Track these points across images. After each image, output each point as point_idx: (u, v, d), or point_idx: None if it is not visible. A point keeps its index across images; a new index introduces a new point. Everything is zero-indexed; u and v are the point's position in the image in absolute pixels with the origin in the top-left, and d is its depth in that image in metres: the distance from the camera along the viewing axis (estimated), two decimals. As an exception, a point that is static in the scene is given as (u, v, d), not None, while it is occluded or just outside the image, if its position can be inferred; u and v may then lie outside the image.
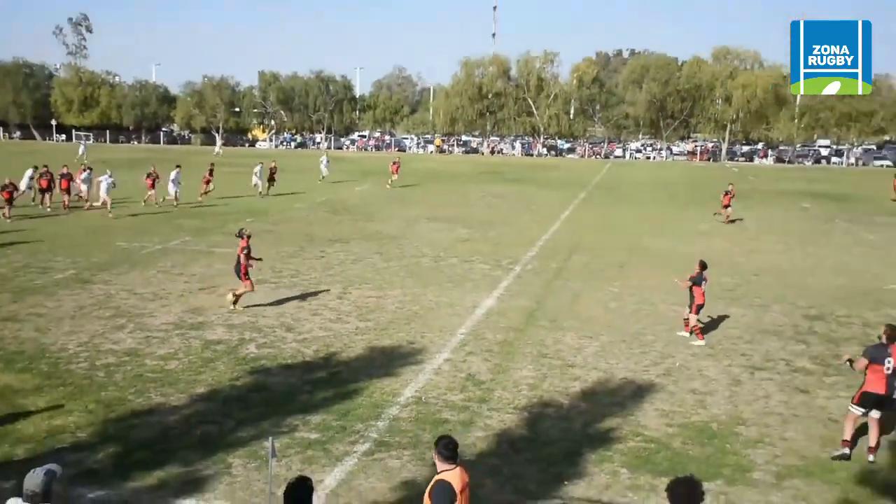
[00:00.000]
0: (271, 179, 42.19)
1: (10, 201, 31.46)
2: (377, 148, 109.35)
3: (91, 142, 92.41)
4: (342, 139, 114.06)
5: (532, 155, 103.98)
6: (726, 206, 35.48)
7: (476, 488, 9.57)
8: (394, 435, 10.98)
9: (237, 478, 9.69)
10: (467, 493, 6.64)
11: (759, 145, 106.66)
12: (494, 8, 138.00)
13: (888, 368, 10.68)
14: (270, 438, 7.88)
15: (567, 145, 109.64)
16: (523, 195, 46.72)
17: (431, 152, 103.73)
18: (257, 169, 42.01)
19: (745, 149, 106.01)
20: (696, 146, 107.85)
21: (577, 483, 9.77)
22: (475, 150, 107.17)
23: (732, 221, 35.07)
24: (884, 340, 10.91)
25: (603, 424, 11.60)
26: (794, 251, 28.01)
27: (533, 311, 18.21)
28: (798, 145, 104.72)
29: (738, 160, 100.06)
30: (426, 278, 21.49)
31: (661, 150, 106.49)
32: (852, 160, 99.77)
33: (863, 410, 10.82)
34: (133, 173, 38.36)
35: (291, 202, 39.32)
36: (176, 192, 35.72)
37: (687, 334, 16.19)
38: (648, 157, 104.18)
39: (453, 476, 6.56)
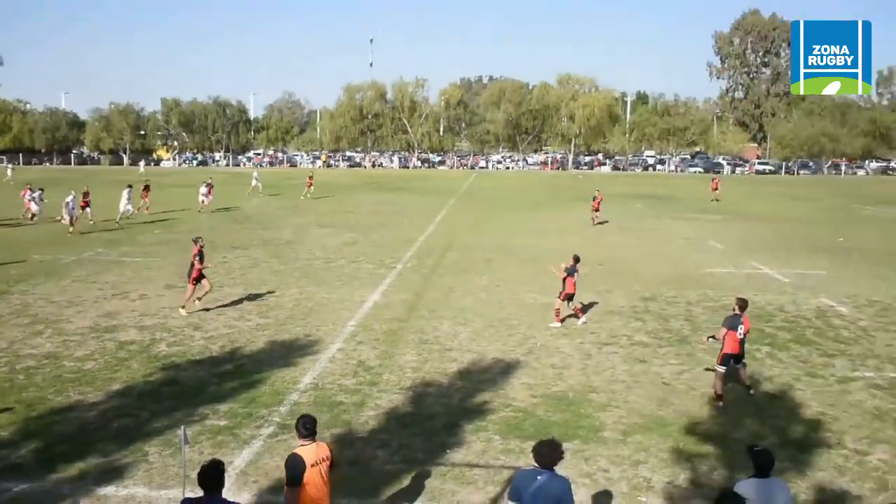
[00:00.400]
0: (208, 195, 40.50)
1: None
2: (271, 164, 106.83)
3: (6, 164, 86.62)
4: (239, 157, 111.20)
5: (408, 167, 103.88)
6: (596, 210, 34.78)
7: (369, 460, 9.55)
8: (295, 418, 10.69)
9: (154, 464, 9.31)
10: (322, 468, 6.55)
11: (599, 155, 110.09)
12: (371, 40, 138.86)
13: (740, 333, 11.76)
14: (182, 427, 7.61)
15: (438, 158, 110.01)
16: (401, 202, 46.73)
17: (319, 167, 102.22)
18: (203, 189, 40.38)
19: (588, 159, 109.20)
20: (547, 157, 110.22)
21: (458, 450, 9.83)
22: (358, 164, 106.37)
23: (601, 223, 34.60)
24: (737, 311, 11.93)
25: (477, 399, 11.72)
26: (631, 244, 29.03)
27: (414, 304, 18.22)
28: (630, 155, 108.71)
29: (582, 168, 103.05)
30: (319, 278, 21.19)
31: (518, 161, 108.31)
32: (672, 167, 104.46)
33: (725, 368, 11.74)
34: (54, 192, 36.31)
35: (196, 214, 38.03)
36: (128, 210, 33.91)
37: (579, 320, 16.16)
38: (508, 168, 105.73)
39: (307, 451, 6.52)
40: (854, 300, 19.09)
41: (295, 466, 6.40)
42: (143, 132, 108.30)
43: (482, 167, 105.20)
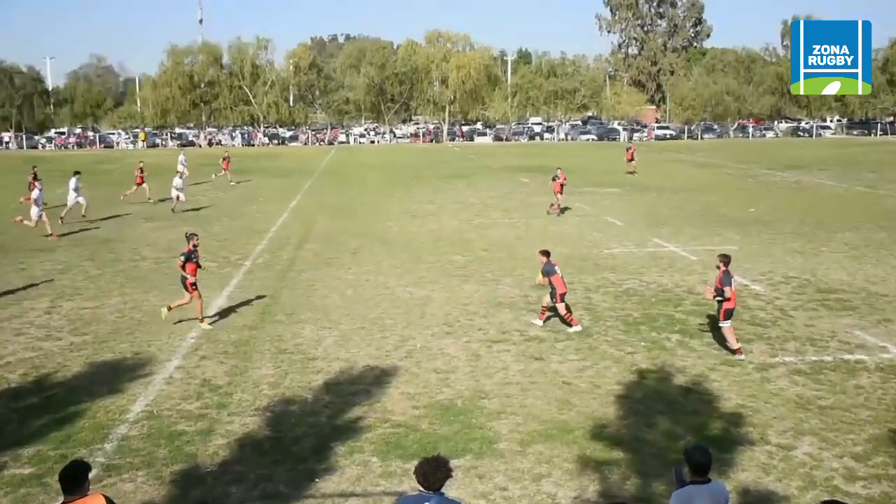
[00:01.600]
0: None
1: None
2: (79, 145, 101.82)
3: None
4: (36, 137, 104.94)
5: (253, 145, 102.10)
6: (558, 194, 32.48)
7: (222, 499, 9.26)
8: (125, 456, 10.31)
9: (-61, 528, 8.68)
10: None
11: (478, 125, 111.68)
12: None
13: (735, 286, 14.11)
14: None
15: (289, 133, 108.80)
16: (247, 186, 45.89)
17: (140, 147, 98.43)
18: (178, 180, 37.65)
19: (465, 129, 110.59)
20: (418, 128, 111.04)
21: (328, 478, 9.68)
22: (191, 143, 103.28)
23: (563, 210, 32.59)
24: (724, 269, 13.94)
25: (350, 415, 11.60)
26: (518, 225, 29.57)
27: (268, 306, 17.88)
28: (514, 123, 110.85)
29: (458, 140, 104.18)
30: (148, 282, 20.41)
31: (384, 133, 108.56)
32: (562, 135, 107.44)
33: (729, 322, 13.90)
34: None
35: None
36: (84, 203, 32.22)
37: (540, 322, 15.93)
38: (373, 142, 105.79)
39: None
40: (769, 277, 20.16)
41: None
42: None
43: (342, 142, 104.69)
